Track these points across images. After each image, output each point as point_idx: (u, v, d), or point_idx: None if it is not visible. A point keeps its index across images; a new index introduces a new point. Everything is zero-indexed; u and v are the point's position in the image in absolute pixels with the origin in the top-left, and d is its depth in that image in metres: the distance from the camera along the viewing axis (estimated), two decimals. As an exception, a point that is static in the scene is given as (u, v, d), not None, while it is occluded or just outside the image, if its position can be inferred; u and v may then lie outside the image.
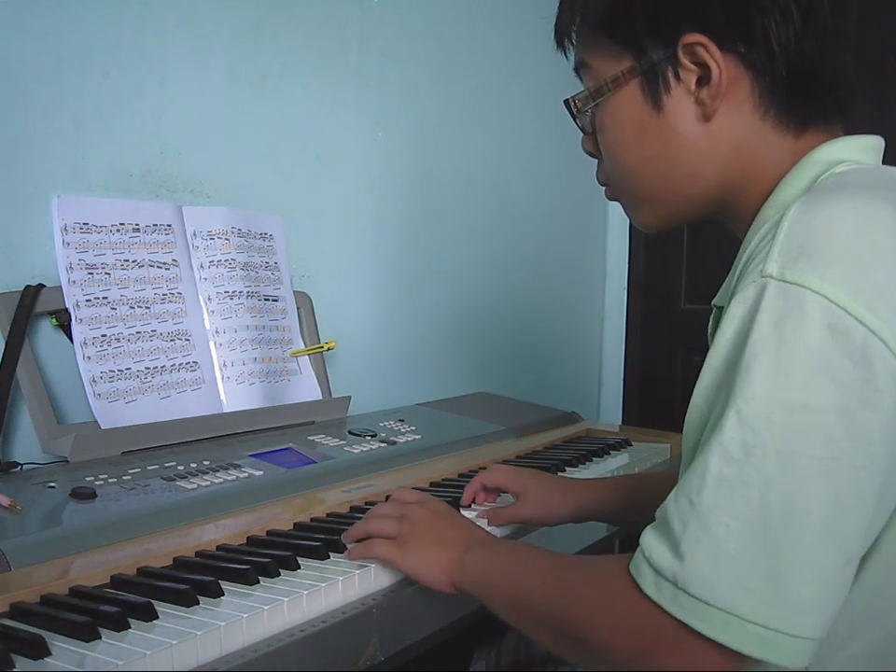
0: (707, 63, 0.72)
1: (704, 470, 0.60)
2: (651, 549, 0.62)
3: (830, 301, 0.58)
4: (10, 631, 0.70)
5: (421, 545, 0.84)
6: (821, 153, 0.73)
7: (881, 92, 2.25)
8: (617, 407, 2.60)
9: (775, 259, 0.60)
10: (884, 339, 0.57)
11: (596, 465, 1.43)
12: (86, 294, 1.16)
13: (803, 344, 0.58)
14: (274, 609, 0.75)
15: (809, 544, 0.57)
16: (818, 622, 0.58)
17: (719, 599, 0.58)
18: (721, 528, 0.59)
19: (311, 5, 1.58)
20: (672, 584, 0.60)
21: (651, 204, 0.81)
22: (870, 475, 0.58)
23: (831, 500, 0.57)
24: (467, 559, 0.81)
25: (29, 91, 1.16)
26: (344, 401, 1.47)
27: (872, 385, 0.57)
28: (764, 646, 0.58)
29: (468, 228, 2.00)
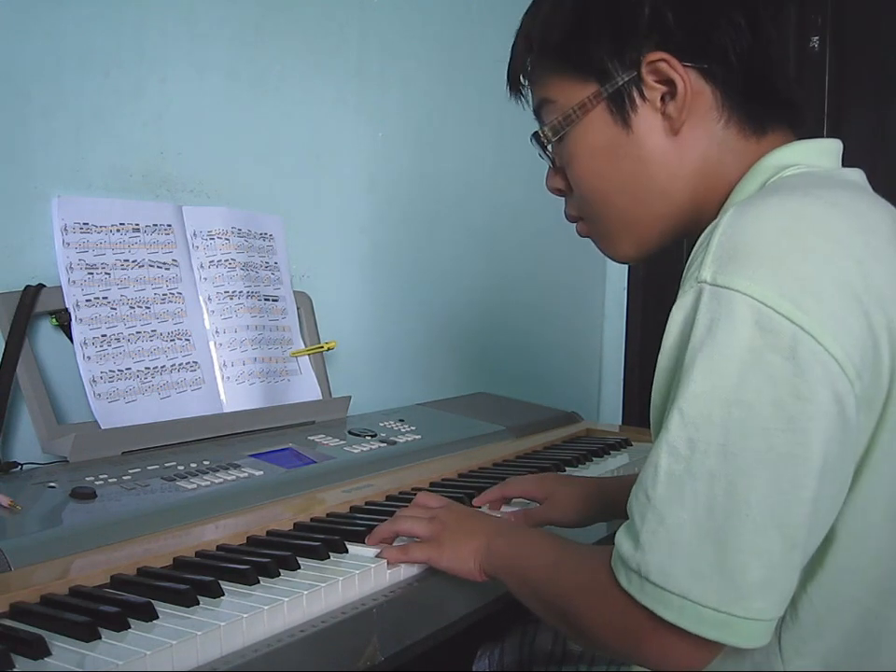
0: (672, 77, 0.75)
1: (655, 467, 0.64)
2: (620, 542, 0.67)
3: (757, 301, 0.61)
4: (10, 631, 0.70)
5: (454, 542, 0.87)
6: (772, 158, 0.76)
7: (881, 92, 2.25)
8: (617, 407, 2.60)
9: (708, 264, 0.64)
10: (812, 333, 0.60)
11: (596, 465, 1.43)
12: (86, 294, 1.16)
13: (734, 344, 0.61)
14: (274, 609, 0.75)
15: (752, 531, 0.61)
16: (768, 604, 0.62)
17: (675, 585, 0.62)
18: (674, 520, 0.63)
19: (311, 5, 1.58)
20: (636, 574, 0.64)
21: (627, 230, 0.82)
22: (807, 463, 0.61)
23: (770, 489, 0.61)
24: (492, 546, 0.84)
25: (29, 90, 1.16)
26: (344, 401, 1.47)
27: (802, 377, 0.60)
28: (719, 628, 0.62)
29: (467, 228, 2.00)
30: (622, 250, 0.85)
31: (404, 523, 0.91)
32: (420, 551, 0.88)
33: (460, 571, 0.86)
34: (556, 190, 0.87)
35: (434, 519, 0.90)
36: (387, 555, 0.88)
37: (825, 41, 2.31)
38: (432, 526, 0.89)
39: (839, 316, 0.61)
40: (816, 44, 2.32)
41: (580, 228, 0.87)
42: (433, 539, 0.88)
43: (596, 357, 2.60)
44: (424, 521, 0.90)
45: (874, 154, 2.15)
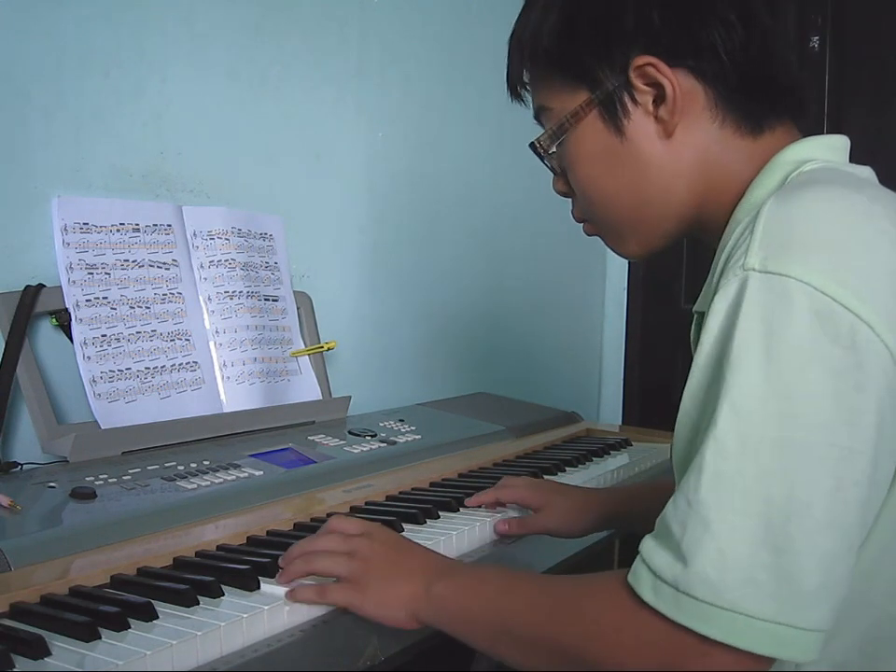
0: (660, 81, 0.73)
1: (700, 469, 0.59)
2: (652, 555, 0.61)
3: (815, 289, 0.58)
4: (10, 631, 0.70)
5: (380, 583, 0.77)
6: (788, 154, 0.74)
7: (881, 92, 2.25)
8: (617, 407, 2.60)
9: (755, 252, 0.61)
10: (869, 323, 0.58)
11: (596, 465, 1.43)
12: (86, 294, 1.16)
13: (792, 333, 0.58)
14: (274, 609, 0.75)
15: (812, 533, 0.57)
16: (826, 612, 0.57)
17: (725, 599, 0.57)
18: (722, 526, 0.58)
19: (311, 5, 1.58)
20: (673, 588, 0.58)
21: (631, 231, 0.81)
22: (866, 459, 0.58)
23: (831, 487, 0.57)
24: (433, 590, 0.75)
25: (29, 90, 1.16)
26: (344, 401, 1.47)
27: (862, 369, 0.58)
28: (775, 642, 0.57)
29: (467, 228, 2.00)
30: (628, 249, 0.84)
31: (320, 561, 0.79)
32: (340, 593, 0.77)
33: (385, 619, 0.76)
34: (562, 193, 0.87)
35: (355, 554, 0.79)
36: (301, 596, 0.77)
37: (825, 41, 2.31)
38: (353, 565, 0.78)
39: (892, 308, 0.59)
40: (816, 44, 2.32)
41: (586, 228, 0.87)
42: (354, 581, 0.77)
43: (596, 357, 2.61)
44: (342, 557, 0.79)
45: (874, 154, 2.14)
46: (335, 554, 0.79)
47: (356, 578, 0.77)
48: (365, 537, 0.81)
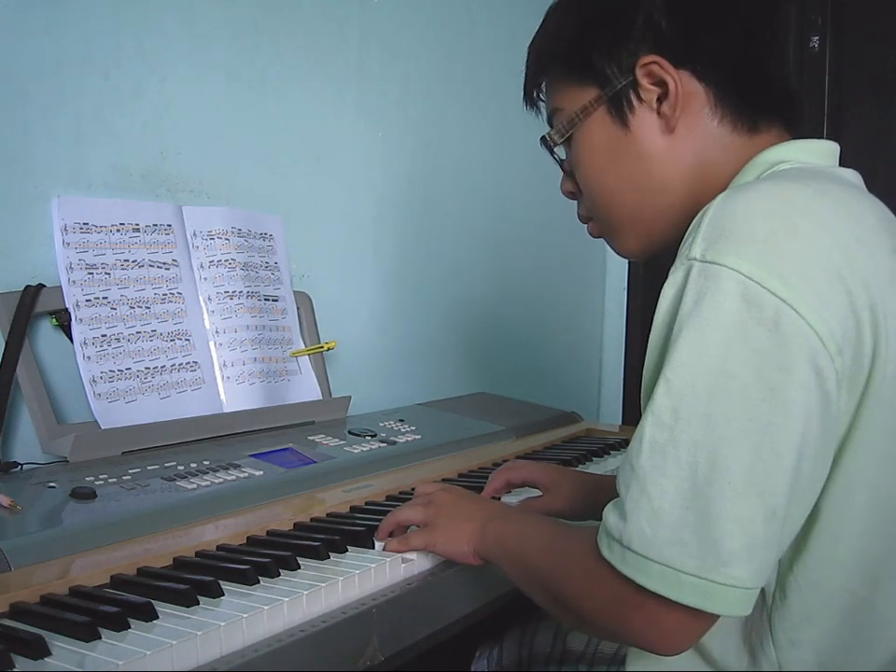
0: (664, 78, 0.79)
1: (640, 437, 0.66)
2: (607, 514, 0.68)
3: (743, 276, 0.63)
4: (10, 631, 0.70)
5: (448, 524, 0.89)
6: (768, 155, 0.79)
7: (881, 92, 2.25)
8: (617, 407, 2.60)
9: (698, 243, 0.66)
10: (794, 307, 0.62)
11: (596, 465, 1.43)
12: (86, 294, 1.16)
13: (720, 316, 0.63)
14: (274, 609, 0.75)
15: (733, 499, 0.62)
16: (748, 571, 0.62)
17: (656, 554, 0.63)
18: (656, 488, 0.64)
19: (311, 5, 1.58)
20: (619, 543, 0.65)
21: (632, 226, 0.86)
22: (787, 432, 0.62)
23: (750, 457, 0.62)
24: (487, 529, 0.86)
25: (29, 91, 1.16)
26: (344, 401, 1.47)
27: (784, 349, 0.62)
28: (700, 595, 0.62)
29: (467, 228, 2.00)
30: (628, 246, 0.89)
31: (402, 512, 0.94)
32: (417, 538, 0.90)
33: (454, 555, 0.88)
34: (569, 193, 0.92)
35: (430, 504, 0.93)
36: (389, 547, 0.91)
37: (825, 41, 2.31)
38: (427, 511, 0.92)
39: (822, 294, 0.63)
40: (816, 44, 2.32)
41: (591, 228, 0.92)
42: (429, 525, 0.91)
43: (596, 357, 2.60)
44: (420, 506, 0.93)
45: (874, 154, 2.15)
46: (414, 505, 0.94)
47: (429, 521, 0.91)
48: (438, 490, 0.96)
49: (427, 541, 0.90)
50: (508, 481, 1.13)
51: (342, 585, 0.82)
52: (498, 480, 1.13)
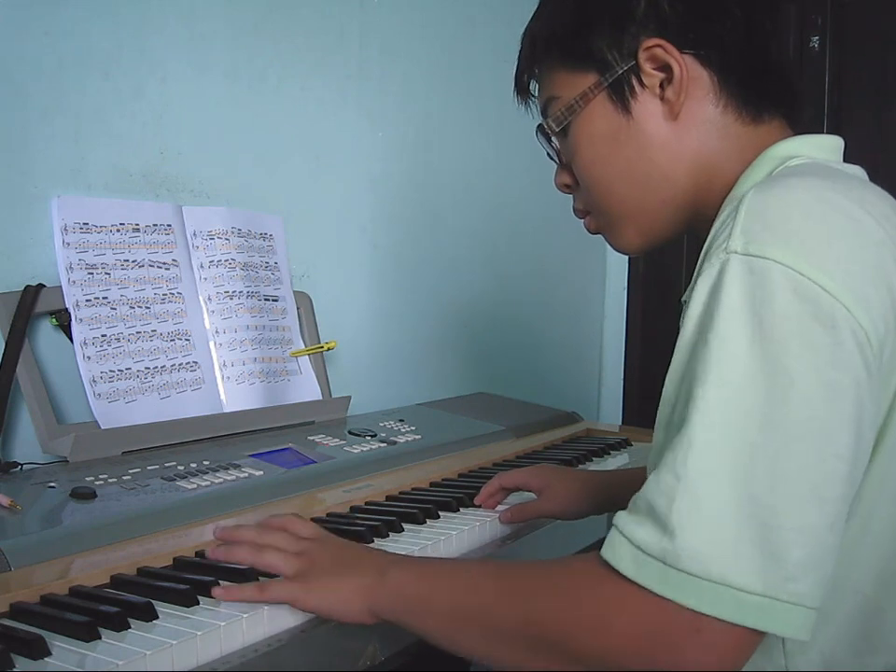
0: (669, 62, 0.77)
1: (688, 444, 0.60)
2: (633, 529, 0.61)
3: (793, 271, 0.60)
4: (10, 631, 0.70)
5: (327, 577, 0.75)
6: (778, 149, 0.77)
7: (881, 92, 2.25)
8: (617, 407, 2.60)
9: (737, 236, 0.63)
10: (845, 304, 0.60)
11: (596, 465, 1.43)
12: (86, 294, 1.16)
13: (775, 310, 0.60)
14: (274, 610, 0.75)
15: (796, 506, 0.58)
16: (811, 587, 0.58)
17: (711, 572, 0.57)
18: (709, 498, 0.58)
19: (311, 5, 1.58)
20: (660, 562, 0.58)
21: (632, 218, 0.83)
22: (846, 434, 0.59)
23: (812, 461, 0.58)
24: (388, 580, 0.72)
25: (29, 91, 1.16)
26: (344, 401, 1.47)
27: (841, 347, 0.60)
28: (762, 615, 0.57)
29: (467, 228, 2.00)
30: (628, 240, 0.85)
31: (267, 556, 0.77)
32: (282, 588, 0.75)
33: (334, 612, 0.74)
34: (564, 186, 0.89)
35: (302, 554, 0.77)
36: (239, 595, 0.75)
37: (825, 41, 2.31)
38: (298, 563, 0.76)
39: (866, 290, 0.62)
40: (816, 44, 2.32)
41: (588, 223, 0.88)
42: (300, 576, 0.75)
43: (596, 357, 2.61)
44: (290, 555, 0.77)
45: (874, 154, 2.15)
46: (283, 552, 0.78)
47: (301, 573, 0.75)
48: (317, 540, 0.80)
49: (294, 595, 0.74)
50: (501, 485, 1.12)
51: (342, 585, 0.82)
52: (492, 485, 1.12)
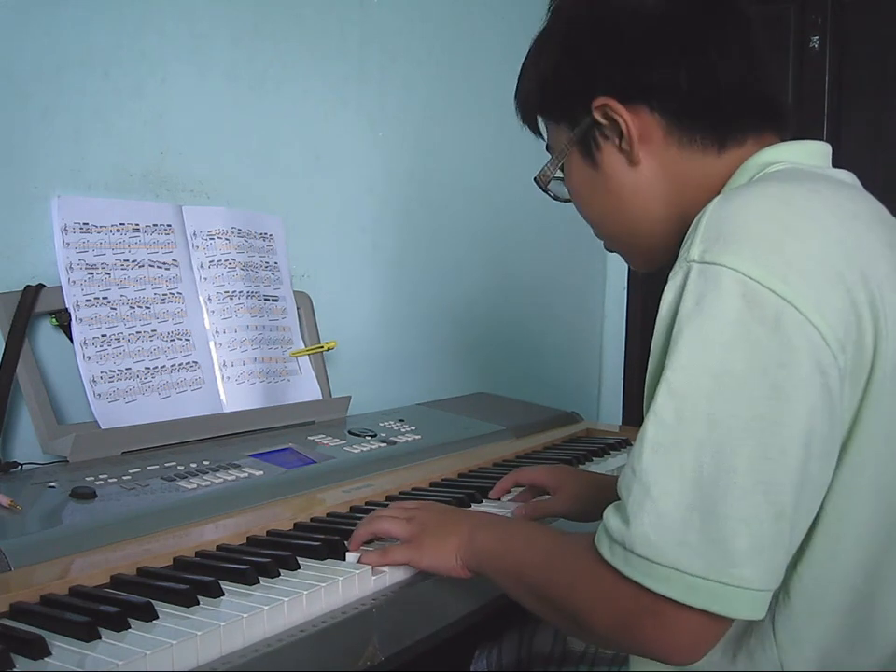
0: (615, 118, 0.81)
1: (642, 440, 0.66)
2: (608, 518, 0.67)
3: (743, 275, 0.64)
4: (10, 631, 0.70)
5: (433, 540, 0.86)
6: (757, 158, 0.80)
7: (881, 92, 2.25)
8: (617, 407, 2.60)
9: (696, 245, 0.67)
10: (795, 305, 0.63)
11: (596, 465, 1.43)
12: (86, 294, 1.16)
13: (721, 315, 0.64)
14: (274, 609, 0.75)
15: (739, 498, 0.62)
16: (757, 572, 0.62)
17: (662, 556, 0.62)
18: (659, 489, 0.64)
19: (311, 5, 1.58)
20: (621, 547, 0.65)
21: (631, 249, 0.91)
22: (792, 430, 0.62)
23: (756, 456, 0.62)
24: (475, 540, 0.84)
25: (29, 91, 1.16)
26: (344, 401, 1.47)
27: (786, 347, 0.62)
28: (708, 597, 0.62)
29: (467, 228, 2.00)
30: (637, 263, 0.93)
31: (381, 523, 0.90)
32: (400, 552, 0.87)
33: (442, 569, 0.85)
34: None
35: (412, 519, 0.89)
36: (367, 559, 0.87)
37: (825, 41, 2.31)
38: (410, 526, 0.88)
39: (822, 291, 0.64)
40: (816, 44, 2.32)
41: (605, 245, 0.95)
42: (412, 540, 0.87)
43: (596, 357, 2.61)
44: (401, 521, 0.89)
45: (873, 154, 2.15)
46: (394, 519, 0.90)
47: (413, 537, 0.87)
48: (420, 507, 0.93)
49: (411, 556, 0.86)
50: (516, 481, 1.15)
51: (341, 585, 0.82)
52: (508, 481, 1.15)
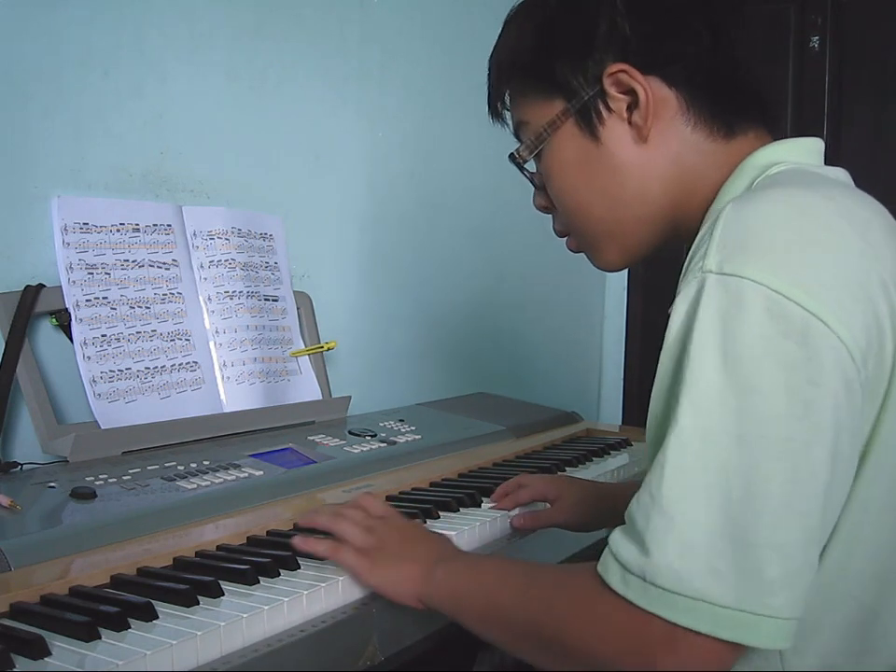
0: (633, 87, 0.76)
1: (662, 464, 0.62)
2: (619, 546, 0.63)
3: (767, 288, 0.61)
4: (10, 631, 0.70)
5: (388, 560, 0.82)
6: (757, 158, 0.76)
7: (881, 92, 2.25)
8: (617, 407, 2.60)
9: (713, 254, 0.63)
10: (822, 318, 0.60)
11: (596, 465, 1.43)
12: (86, 294, 1.16)
13: (746, 330, 0.61)
14: (274, 609, 0.75)
15: (771, 524, 0.59)
16: (788, 601, 0.59)
17: (688, 587, 0.59)
18: (684, 517, 0.60)
19: (311, 5, 1.58)
20: (640, 578, 0.61)
21: (609, 239, 0.84)
22: (821, 450, 0.60)
23: (787, 478, 0.59)
24: (436, 573, 0.79)
25: (29, 91, 1.16)
26: (344, 401, 1.47)
27: (814, 363, 0.60)
28: (737, 628, 0.59)
29: (467, 228, 2.00)
30: (608, 259, 0.86)
31: (340, 524, 0.87)
32: (350, 558, 0.83)
33: (389, 593, 0.81)
34: (543, 208, 0.89)
35: (372, 530, 0.85)
36: (317, 548, 0.84)
37: (825, 41, 2.31)
38: (368, 538, 0.84)
39: (846, 303, 0.61)
40: (816, 44, 2.32)
41: (569, 243, 0.89)
42: (367, 554, 0.83)
43: (596, 357, 2.61)
44: (361, 528, 0.86)
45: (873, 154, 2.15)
46: (355, 525, 0.86)
47: (368, 549, 0.83)
48: (385, 519, 0.88)
49: (359, 567, 0.82)
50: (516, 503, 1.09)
51: (342, 585, 0.82)
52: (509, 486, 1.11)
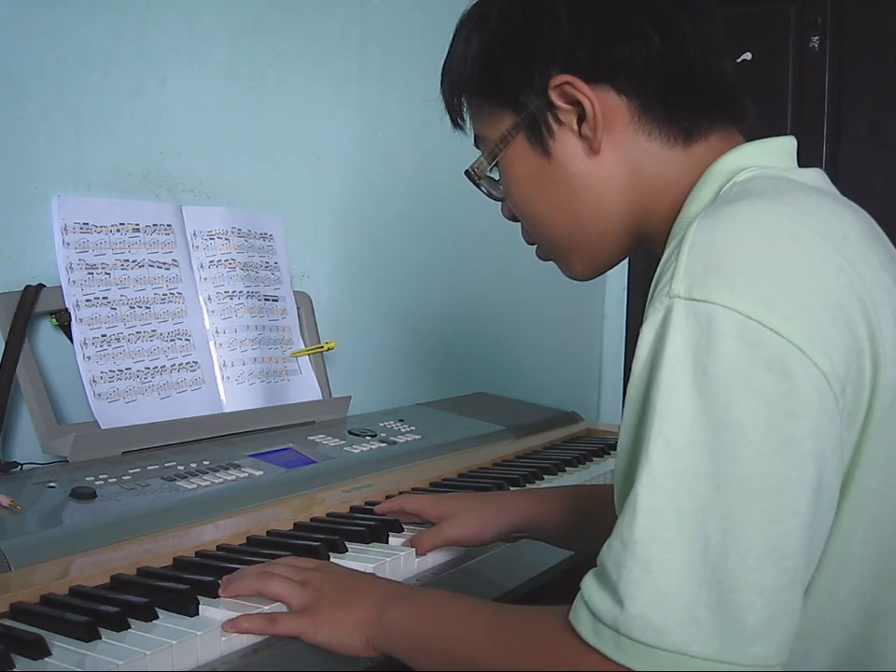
0: (579, 98, 0.73)
1: (634, 507, 0.57)
2: (591, 594, 0.58)
3: (739, 314, 0.56)
4: (10, 631, 0.70)
5: (332, 611, 0.74)
6: (722, 164, 0.72)
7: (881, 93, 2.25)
8: (617, 407, 2.60)
9: (680, 278, 0.59)
10: (799, 345, 0.56)
11: (596, 465, 1.43)
12: (86, 294, 1.16)
13: (719, 362, 0.56)
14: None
15: (752, 569, 0.54)
16: (771, 649, 0.55)
17: (667, 641, 0.54)
18: (659, 564, 0.55)
19: (311, 5, 1.58)
20: (613, 631, 0.56)
21: (573, 252, 0.81)
22: (802, 486, 0.56)
23: (768, 519, 0.55)
24: (385, 615, 0.72)
25: (29, 91, 1.16)
26: (344, 401, 1.47)
27: (794, 394, 0.55)
28: None
29: (467, 227, 1.99)
30: (576, 270, 0.83)
31: (270, 584, 0.77)
32: (291, 623, 0.74)
33: (341, 647, 0.73)
34: (510, 218, 0.87)
35: (307, 584, 0.77)
36: (247, 626, 0.73)
37: (825, 41, 2.31)
38: (305, 593, 0.76)
39: (824, 328, 0.57)
40: (816, 44, 2.32)
41: (537, 251, 0.87)
42: (306, 609, 0.75)
43: (596, 357, 2.60)
44: (295, 584, 0.77)
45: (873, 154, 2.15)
46: (287, 581, 0.77)
47: (308, 605, 0.75)
48: (318, 569, 0.80)
49: (303, 628, 0.73)
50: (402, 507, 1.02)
51: (342, 585, 0.82)
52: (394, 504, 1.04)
